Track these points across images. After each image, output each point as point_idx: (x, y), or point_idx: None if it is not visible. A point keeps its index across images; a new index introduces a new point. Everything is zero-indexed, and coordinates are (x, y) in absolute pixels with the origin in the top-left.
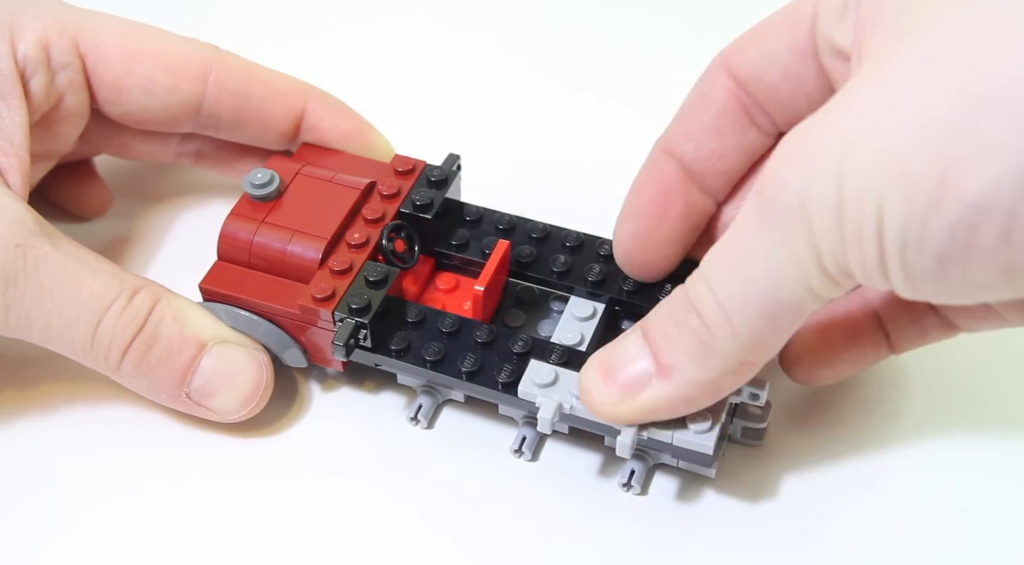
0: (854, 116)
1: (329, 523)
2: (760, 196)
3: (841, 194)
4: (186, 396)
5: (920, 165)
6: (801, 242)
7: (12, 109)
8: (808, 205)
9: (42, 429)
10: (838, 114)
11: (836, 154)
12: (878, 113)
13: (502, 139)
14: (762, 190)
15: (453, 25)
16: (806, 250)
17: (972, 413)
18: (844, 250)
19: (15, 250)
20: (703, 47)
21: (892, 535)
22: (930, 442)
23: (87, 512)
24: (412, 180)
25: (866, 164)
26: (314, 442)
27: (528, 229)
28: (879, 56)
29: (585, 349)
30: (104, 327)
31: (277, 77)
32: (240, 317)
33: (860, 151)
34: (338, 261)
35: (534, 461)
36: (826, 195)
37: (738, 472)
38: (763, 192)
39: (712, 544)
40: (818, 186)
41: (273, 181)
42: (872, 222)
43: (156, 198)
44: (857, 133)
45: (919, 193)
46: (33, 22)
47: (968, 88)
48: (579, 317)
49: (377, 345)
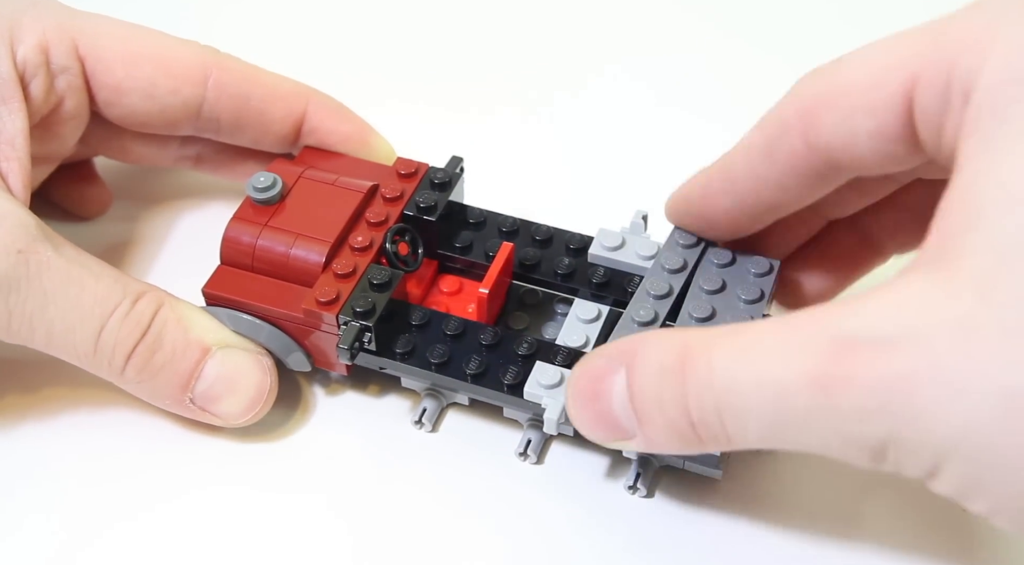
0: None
1: (333, 527)
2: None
3: (940, 468)
4: (190, 401)
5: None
6: (864, 458)
7: (12, 113)
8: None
9: (44, 435)
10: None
11: (945, 438)
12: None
13: (505, 141)
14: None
15: (454, 26)
16: (865, 462)
17: None
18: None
19: (17, 255)
20: (709, 45)
21: (894, 535)
22: None
23: (90, 517)
24: (415, 183)
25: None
26: (318, 446)
27: (532, 231)
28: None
29: (590, 351)
30: (107, 332)
31: (277, 80)
32: (243, 321)
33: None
34: (342, 264)
35: (539, 464)
36: (920, 463)
37: (744, 474)
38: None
39: (718, 547)
40: (912, 451)
41: (276, 184)
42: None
43: (158, 201)
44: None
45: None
46: (33, 25)
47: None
48: (583, 319)
49: (381, 348)
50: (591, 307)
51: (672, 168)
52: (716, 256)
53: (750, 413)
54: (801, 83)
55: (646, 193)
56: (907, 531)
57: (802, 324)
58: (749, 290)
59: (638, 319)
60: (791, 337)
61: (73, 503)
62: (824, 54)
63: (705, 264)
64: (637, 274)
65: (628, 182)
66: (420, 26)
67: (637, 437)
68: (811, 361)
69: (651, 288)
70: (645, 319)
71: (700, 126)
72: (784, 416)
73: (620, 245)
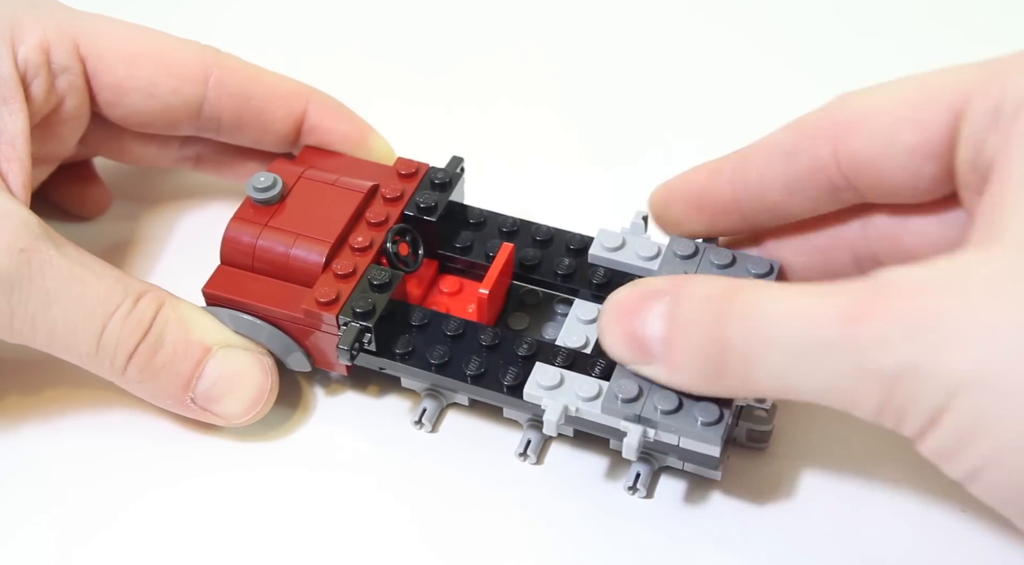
0: (993, 340)
1: (333, 527)
2: (851, 325)
3: (945, 409)
4: (191, 401)
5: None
6: (872, 398)
7: (13, 113)
8: (904, 385)
9: (45, 435)
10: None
11: (959, 373)
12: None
13: (506, 141)
14: (855, 321)
15: (455, 26)
16: (872, 404)
17: None
18: (918, 438)
19: (19, 254)
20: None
21: (894, 536)
22: None
23: (92, 518)
24: (415, 183)
25: (990, 409)
26: (318, 446)
27: (532, 232)
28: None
29: (590, 352)
30: (109, 332)
31: (278, 79)
32: (243, 321)
33: (988, 390)
34: (342, 265)
35: (539, 464)
36: (927, 399)
37: (744, 475)
38: (856, 324)
39: (718, 547)
40: (922, 384)
41: (276, 185)
42: (974, 459)
43: (158, 200)
44: (992, 369)
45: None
46: (33, 25)
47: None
48: (584, 320)
49: (381, 349)
50: (591, 308)
51: (673, 169)
52: (716, 256)
53: (776, 341)
54: (842, 98)
55: (647, 194)
56: (907, 532)
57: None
58: None
59: None
60: (833, 284)
61: (74, 503)
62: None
63: (704, 266)
64: (637, 275)
65: (628, 182)
66: (420, 26)
67: (658, 363)
68: (845, 299)
69: None
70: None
71: (701, 127)
72: (807, 347)
73: (620, 246)
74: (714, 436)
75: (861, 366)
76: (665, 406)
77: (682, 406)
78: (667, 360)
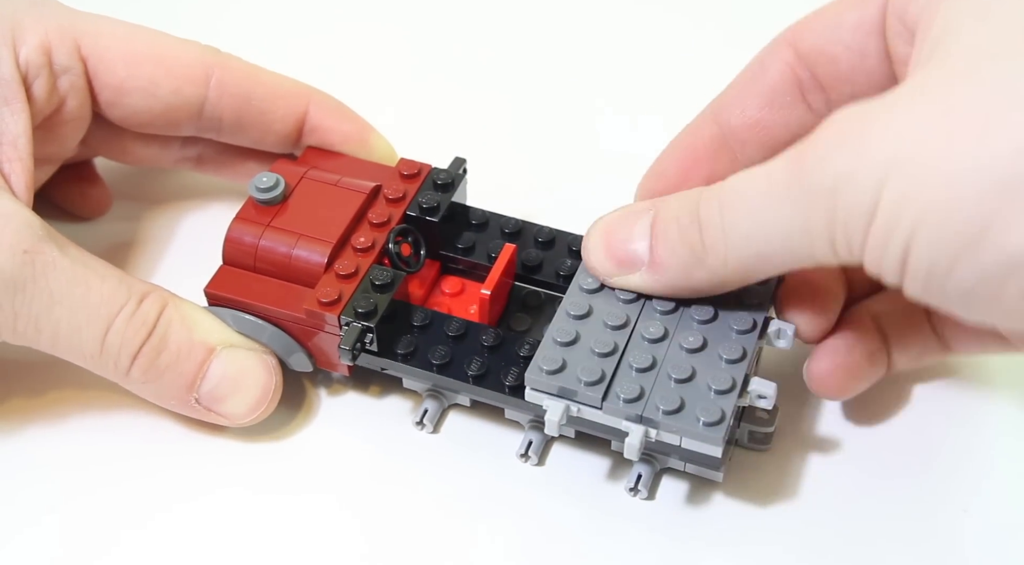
0: (912, 128)
1: (335, 527)
2: (797, 162)
3: (876, 202)
4: (195, 401)
5: (964, 212)
6: (821, 221)
7: (15, 114)
8: (841, 195)
9: (50, 437)
10: (898, 116)
11: (883, 161)
12: (936, 138)
13: (508, 142)
14: (801, 156)
15: (457, 26)
16: (823, 230)
17: (971, 414)
18: (863, 249)
19: (23, 256)
20: (714, 47)
21: (895, 536)
22: (931, 443)
23: (97, 519)
24: (418, 184)
25: (910, 188)
26: (320, 446)
27: (534, 233)
28: (955, 50)
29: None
30: (113, 333)
31: (279, 79)
32: (245, 321)
33: (908, 170)
34: (344, 265)
35: (540, 465)
36: (861, 197)
37: (745, 476)
38: (801, 159)
39: (719, 549)
40: (856, 185)
41: (278, 185)
42: (900, 242)
43: (160, 201)
44: (911, 152)
45: (957, 237)
46: (35, 26)
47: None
48: None
49: (383, 349)
50: None
51: None
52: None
53: (743, 203)
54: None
55: None
56: (907, 532)
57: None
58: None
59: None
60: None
61: (79, 504)
62: None
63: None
64: None
65: (629, 184)
66: (422, 26)
67: (643, 269)
68: (793, 149)
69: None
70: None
71: None
72: (767, 196)
73: None
74: (716, 436)
75: (808, 191)
76: (667, 406)
77: (684, 406)
78: (651, 262)
